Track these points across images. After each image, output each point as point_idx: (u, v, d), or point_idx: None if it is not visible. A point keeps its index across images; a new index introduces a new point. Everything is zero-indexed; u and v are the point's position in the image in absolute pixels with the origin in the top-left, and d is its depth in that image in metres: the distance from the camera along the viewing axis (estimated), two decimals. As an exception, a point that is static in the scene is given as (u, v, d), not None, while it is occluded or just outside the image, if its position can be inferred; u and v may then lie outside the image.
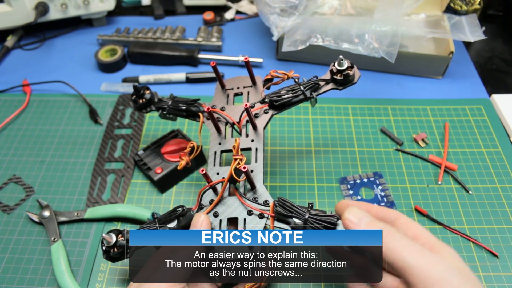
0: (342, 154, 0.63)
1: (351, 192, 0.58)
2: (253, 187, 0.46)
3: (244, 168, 0.42)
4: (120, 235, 0.44)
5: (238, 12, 0.90)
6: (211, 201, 0.45)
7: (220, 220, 0.44)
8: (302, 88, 0.49)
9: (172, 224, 0.44)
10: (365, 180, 0.60)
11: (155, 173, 0.57)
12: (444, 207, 0.57)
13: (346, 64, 0.47)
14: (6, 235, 0.55)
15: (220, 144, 0.50)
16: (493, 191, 0.58)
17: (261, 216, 0.44)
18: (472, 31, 0.68)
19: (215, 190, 0.46)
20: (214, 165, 0.48)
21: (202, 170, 0.43)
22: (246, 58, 0.50)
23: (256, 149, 0.49)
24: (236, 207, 0.45)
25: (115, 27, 0.87)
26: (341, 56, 0.47)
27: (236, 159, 0.43)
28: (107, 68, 0.76)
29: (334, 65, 0.48)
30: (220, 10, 0.90)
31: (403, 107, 0.69)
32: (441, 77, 0.74)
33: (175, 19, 0.89)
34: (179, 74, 0.75)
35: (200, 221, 0.42)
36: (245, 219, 0.44)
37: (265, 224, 0.44)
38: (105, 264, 0.52)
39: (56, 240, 0.53)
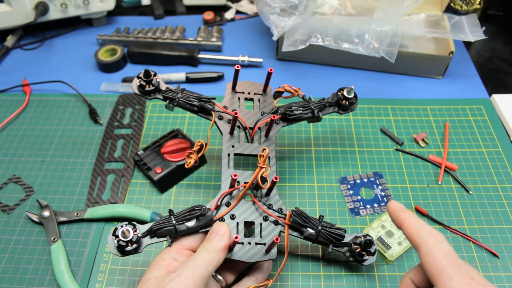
0: (342, 154, 0.63)
1: (351, 192, 0.58)
2: (267, 194, 0.47)
3: (276, 178, 0.44)
4: (134, 229, 0.43)
5: (238, 12, 0.90)
6: (227, 203, 0.46)
7: (237, 223, 0.45)
8: (312, 107, 0.53)
9: (191, 223, 0.44)
10: (365, 180, 0.60)
11: (155, 173, 0.57)
12: (444, 207, 0.57)
13: (353, 94, 0.54)
14: (6, 235, 0.55)
15: (233, 146, 0.50)
16: (493, 191, 0.58)
17: (276, 222, 0.46)
18: (472, 31, 0.68)
19: (230, 193, 0.47)
20: (228, 167, 0.49)
21: (235, 175, 0.44)
22: (271, 70, 0.51)
23: (269, 157, 0.50)
24: (252, 212, 0.46)
25: (115, 27, 0.87)
26: (352, 86, 0.54)
27: (262, 168, 0.45)
28: (107, 68, 0.76)
29: (342, 92, 0.54)
30: (220, 10, 0.90)
31: (403, 107, 0.69)
32: (441, 77, 0.74)
33: (175, 19, 0.89)
34: (179, 74, 0.75)
35: (223, 230, 0.42)
36: (261, 224, 0.45)
37: (280, 231, 0.46)
38: (105, 264, 0.52)
39: (56, 240, 0.53)
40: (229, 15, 0.88)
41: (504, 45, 0.82)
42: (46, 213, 0.56)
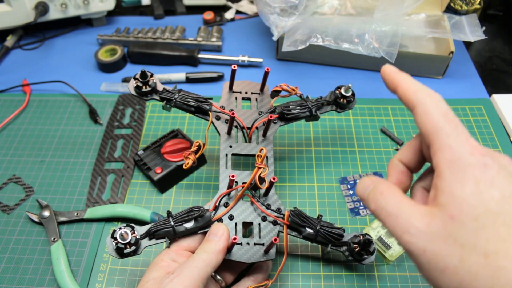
0: (342, 154, 0.63)
1: (351, 192, 0.58)
2: (265, 194, 0.47)
3: (274, 179, 0.44)
4: (132, 231, 0.43)
5: (238, 12, 0.90)
6: (225, 204, 0.46)
7: (236, 224, 0.45)
8: (310, 106, 0.53)
9: (189, 224, 0.44)
10: None
11: (155, 173, 0.57)
12: (444, 207, 0.57)
13: (350, 92, 0.54)
14: (6, 235, 0.55)
15: (231, 147, 0.50)
16: (493, 191, 0.58)
17: (274, 222, 0.46)
18: (472, 31, 0.68)
19: (228, 193, 0.47)
20: (226, 167, 0.49)
21: (233, 176, 0.44)
22: (267, 69, 0.51)
23: (267, 157, 0.50)
24: (250, 212, 0.46)
25: (115, 27, 0.87)
26: (350, 84, 0.53)
27: (259, 168, 0.45)
28: (107, 68, 0.76)
29: (340, 90, 0.54)
30: (220, 10, 0.90)
31: (403, 107, 0.69)
32: (441, 77, 0.74)
33: (175, 19, 0.89)
34: (179, 74, 0.75)
35: (221, 231, 0.42)
36: (259, 224, 0.45)
37: (278, 231, 0.46)
38: (105, 264, 0.52)
39: (56, 240, 0.53)
40: (229, 15, 0.88)
41: (504, 45, 0.82)
42: (46, 213, 0.56)
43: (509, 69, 0.78)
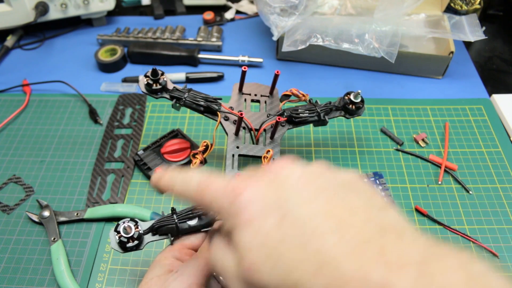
0: (342, 154, 0.63)
1: (351, 192, 0.58)
2: None
3: None
4: (135, 226, 0.43)
5: (238, 12, 0.90)
6: None
7: None
8: (318, 110, 0.53)
9: (193, 222, 0.44)
10: (365, 180, 0.59)
11: (155, 173, 0.57)
12: (444, 207, 0.57)
13: (360, 99, 0.53)
14: (6, 235, 0.55)
15: (238, 147, 0.50)
16: (493, 191, 0.58)
17: None
18: (472, 31, 0.68)
19: None
20: (232, 167, 0.49)
21: (238, 175, 0.43)
22: (277, 72, 0.51)
23: (274, 159, 0.50)
24: None
25: (115, 27, 0.87)
26: (359, 91, 0.53)
27: None
28: (107, 68, 0.76)
29: (349, 96, 0.54)
30: (220, 10, 0.90)
31: (403, 107, 0.69)
32: (441, 77, 0.74)
33: (175, 19, 0.89)
34: (179, 74, 0.75)
35: None
36: None
37: None
38: (105, 264, 0.52)
39: (56, 240, 0.53)
40: (229, 15, 0.88)
41: (504, 45, 0.82)
42: (46, 213, 0.56)
43: (509, 69, 0.78)
